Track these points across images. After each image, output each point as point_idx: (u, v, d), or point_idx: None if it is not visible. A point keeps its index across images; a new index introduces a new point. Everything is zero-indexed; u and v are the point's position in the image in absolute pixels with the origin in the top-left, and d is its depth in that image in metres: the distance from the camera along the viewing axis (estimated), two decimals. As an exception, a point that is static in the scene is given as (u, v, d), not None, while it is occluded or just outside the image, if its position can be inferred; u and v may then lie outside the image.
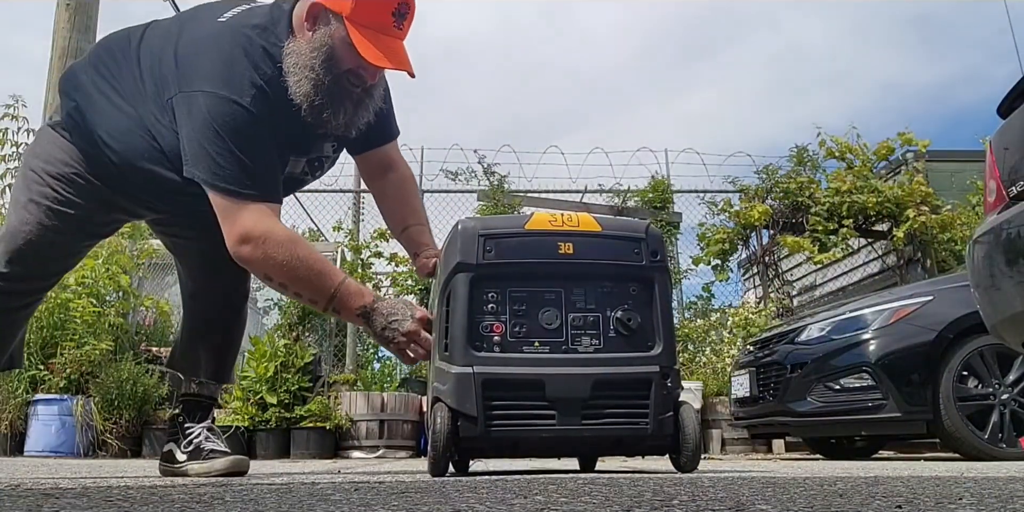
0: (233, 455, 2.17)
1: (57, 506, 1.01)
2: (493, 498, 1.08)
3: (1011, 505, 0.99)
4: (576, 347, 1.81)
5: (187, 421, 2.23)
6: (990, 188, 2.37)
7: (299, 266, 1.79)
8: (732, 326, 6.97)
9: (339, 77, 1.84)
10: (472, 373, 1.73)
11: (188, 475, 2.12)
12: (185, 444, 2.19)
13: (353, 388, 6.09)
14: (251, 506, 1.01)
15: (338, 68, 1.82)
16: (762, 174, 7.84)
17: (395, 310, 1.84)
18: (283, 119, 1.84)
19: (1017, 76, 2.28)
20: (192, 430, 2.20)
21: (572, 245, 1.82)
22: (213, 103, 1.76)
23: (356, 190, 7.98)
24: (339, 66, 1.82)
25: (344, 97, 1.86)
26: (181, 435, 2.21)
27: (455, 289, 1.80)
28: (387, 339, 1.84)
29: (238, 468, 2.13)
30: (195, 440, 2.18)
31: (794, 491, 1.21)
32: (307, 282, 1.82)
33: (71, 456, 5.00)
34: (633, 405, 1.80)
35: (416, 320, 1.84)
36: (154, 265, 6.65)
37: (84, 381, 5.34)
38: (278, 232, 1.80)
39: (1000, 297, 2.18)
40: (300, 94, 1.82)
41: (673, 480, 1.49)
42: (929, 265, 7.31)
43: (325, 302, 1.83)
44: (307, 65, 1.80)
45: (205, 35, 1.85)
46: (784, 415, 4.19)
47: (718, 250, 7.51)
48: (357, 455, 5.53)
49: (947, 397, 3.64)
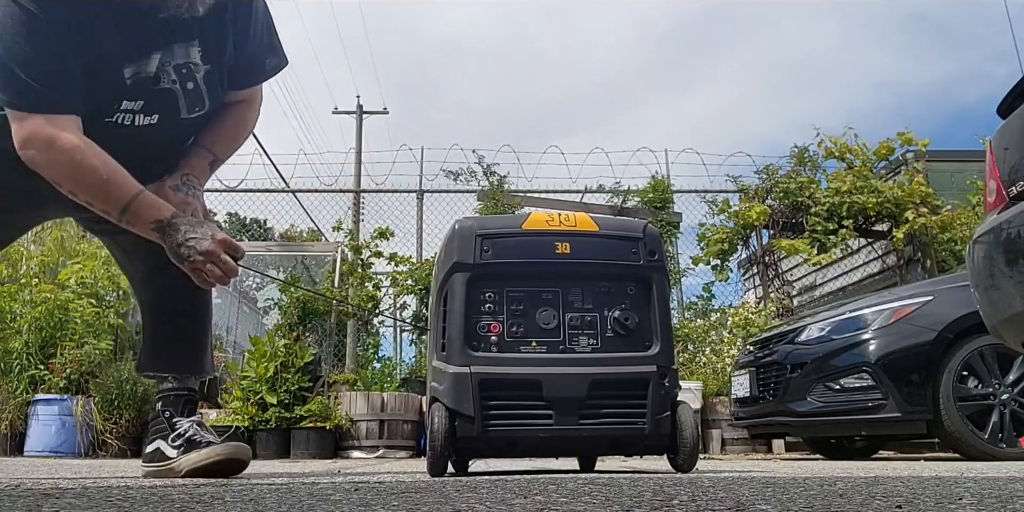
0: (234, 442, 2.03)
1: (57, 506, 1.01)
2: (493, 498, 1.08)
3: (1011, 505, 0.98)
4: (573, 347, 1.81)
5: (175, 416, 2.09)
6: (990, 188, 2.37)
7: (85, 174, 1.72)
8: (732, 326, 6.97)
9: None
10: (469, 373, 1.73)
11: (179, 471, 1.98)
12: (174, 437, 2.04)
13: (353, 388, 6.10)
14: (251, 506, 1.01)
15: None
16: (762, 174, 7.84)
17: (194, 228, 1.76)
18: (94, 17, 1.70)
19: (1017, 76, 2.28)
20: (180, 424, 2.06)
21: (569, 245, 1.82)
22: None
23: (356, 190, 7.99)
24: None
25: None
26: (169, 430, 2.06)
27: (452, 289, 1.80)
28: (182, 256, 1.75)
29: (240, 454, 2.00)
30: (186, 433, 2.04)
31: (794, 491, 1.21)
32: (96, 191, 1.74)
33: (71, 456, 5.00)
34: (630, 405, 1.80)
35: (216, 241, 1.75)
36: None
37: (84, 381, 5.35)
38: (65, 138, 1.70)
39: (1000, 297, 2.18)
40: None
41: (673, 480, 1.49)
42: (929, 265, 7.31)
43: (118, 213, 1.76)
44: None
45: None
46: (784, 415, 4.19)
47: (718, 250, 7.52)
48: (357, 455, 5.53)
49: (947, 397, 3.64)
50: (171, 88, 1.87)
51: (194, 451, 1.98)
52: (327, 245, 7.83)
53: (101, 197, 1.76)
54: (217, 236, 1.77)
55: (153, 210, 1.76)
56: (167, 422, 2.07)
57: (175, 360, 2.16)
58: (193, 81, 1.89)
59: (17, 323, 5.49)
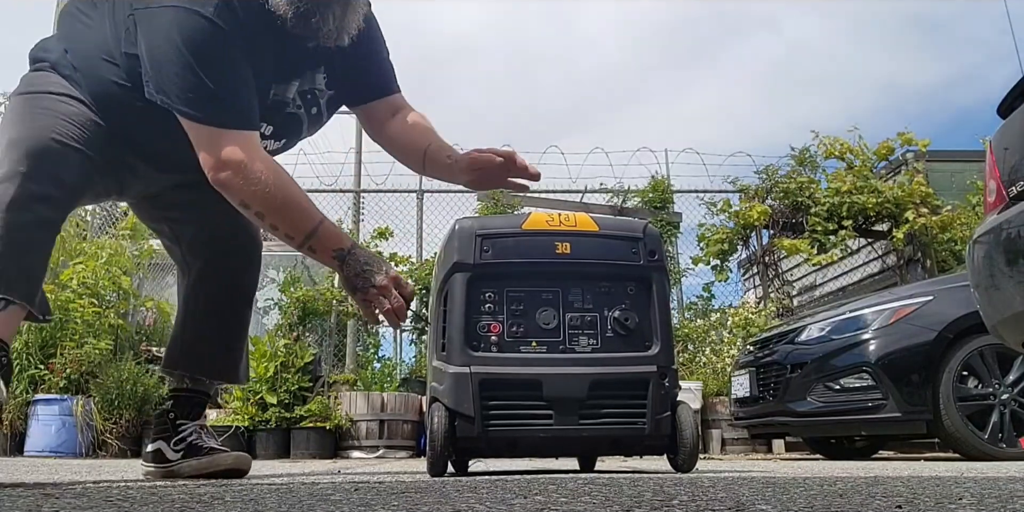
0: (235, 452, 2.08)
1: (57, 506, 1.01)
2: (493, 498, 1.08)
3: (1011, 505, 0.98)
4: (573, 347, 1.81)
5: (179, 418, 2.06)
6: (990, 188, 2.37)
7: (279, 196, 1.69)
8: (732, 326, 6.97)
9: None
10: (469, 373, 1.73)
11: (180, 475, 1.99)
12: (176, 441, 2.03)
13: (353, 388, 6.10)
14: (251, 506, 1.01)
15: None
16: (762, 174, 7.84)
17: (371, 261, 1.75)
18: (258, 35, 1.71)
19: (1017, 76, 2.28)
20: (185, 427, 2.04)
21: (569, 245, 1.83)
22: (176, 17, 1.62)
23: (356, 190, 7.99)
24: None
25: None
26: (172, 432, 2.04)
27: (452, 289, 1.80)
28: (356, 287, 1.73)
29: (241, 465, 2.05)
30: (188, 438, 2.03)
31: (794, 491, 1.21)
32: (286, 214, 1.72)
33: (71, 456, 5.00)
34: (630, 405, 1.80)
35: (389, 277, 1.74)
36: (154, 265, 6.66)
37: (84, 381, 5.35)
38: (259, 159, 1.69)
39: (1000, 297, 2.18)
40: (282, 2, 1.68)
41: (673, 480, 1.49)
42: (929, 265, 7.31)
43: (302, 238, 1.73)
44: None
45: None
46: (784, 415, 4.19)
47: (718, 250, 7.52)
48: (357, 455, 5.53)
49: (947, 397, 3.64)
50: (296, 113, 1.91)
51: (195, 458, 2.00)
52: (327, 245, 7.82)
53: (290, 222, 1.73)
54: (391, 272, 1.75)
55: (336, 238, 1.76)
56: (171, 423, 2.06)
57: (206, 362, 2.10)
58: (317, 106, 1.94)
59: (17, 323, 5.48)
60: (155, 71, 1.66)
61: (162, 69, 1.64)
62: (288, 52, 1.80)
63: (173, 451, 2.03)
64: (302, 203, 1.74)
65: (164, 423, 2.07)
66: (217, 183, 1.70)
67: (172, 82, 1.64)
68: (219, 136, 1.67)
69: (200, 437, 2.05)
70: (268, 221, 1.74)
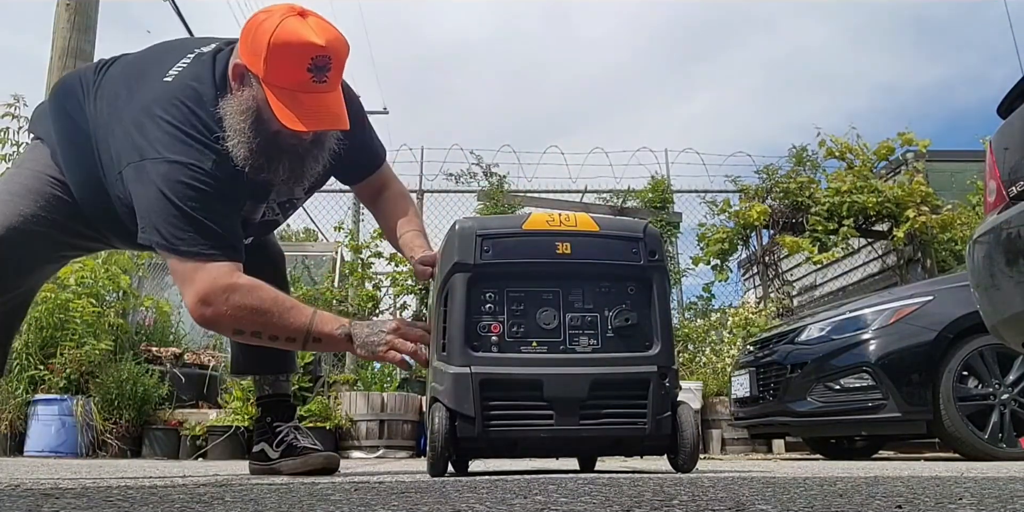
0: (325, 452, 2.30)
1: (57, 506, 1.01)
2: (493, 498, 1.08)
3: (1011, 505, 0.98)
4: (574, 347, 1.81)
5: (275, 420, 2.33)
6: (990, 188, 2.37)
7: (270, 307, 1.77)
8: (732, 326, 6.97)
9: (272, 137, 1.80)
10: (470, 373, 1.73)
11: (281, 472, 2.24)
12: (277, 443, 2.29)
13: (353, 388, 6.09)
14: (251, 506, 1.01)
15: (268, 130, 1.79)
16: (762, 174, 7.85)
17: (367, 328, 1.83)
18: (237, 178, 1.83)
19: (1017, 76, 2.28)
20: (282, 429, 2.31)
21: (570, 245, 1.82)
22: (163, 169, 1.74)
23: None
24: (269, 127, 1.79)
25: (282, 155, 1.83)
26: (271, 434, 2.31)
27: (453, 289, 1.80)
28: (373, 344, 1.81)
29: (330, 464, 2.25)
30: (286, 438, 2.29)
31: (794, 491, 1.21)
32: (280, 326, 1.78)
33: (71, 456, 5.00)
34: (631, 405, 1.80)
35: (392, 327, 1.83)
36: (154, 265, 6.65)
37: (84, 381, 5.34)
38: (241, 282, 1.77)
39: (1000, 297, 2.18)
40: (239, 157, 1.79)
41: (673, 480, 1.49)
42: (929, 265, 7.31)
43: (303, 336, 1.80)
44: (238, 129, 1.78)
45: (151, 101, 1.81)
46: (784, 415, 4.19)
47: (718, 250, 7.52)
48: (357, 455, 5.53)
49: (947, 397, 3.64)
50: (275, 219, 2.12)
51: (290, 458, 2.26)
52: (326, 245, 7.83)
53: (287, 325, 1.79)
54: (392, 324, 1.85)
55: (333, 321, 1.82)
56: (268, 427, 2.34)
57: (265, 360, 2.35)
58: (293, 207, 2.16)
59: (17, 323, 5.48)
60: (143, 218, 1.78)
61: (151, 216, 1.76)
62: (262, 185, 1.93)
63: (273, 451, 2.30)
64: (290, 309, 1.80)
65: (263, 427, 2.36)
66: (203, 321, 1.78)
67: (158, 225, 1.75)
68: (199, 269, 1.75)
69: (296, 437, 2.31)
70: (267, 335, 1.81)
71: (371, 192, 2.27)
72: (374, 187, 2.25)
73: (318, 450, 2.30)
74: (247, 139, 1.78)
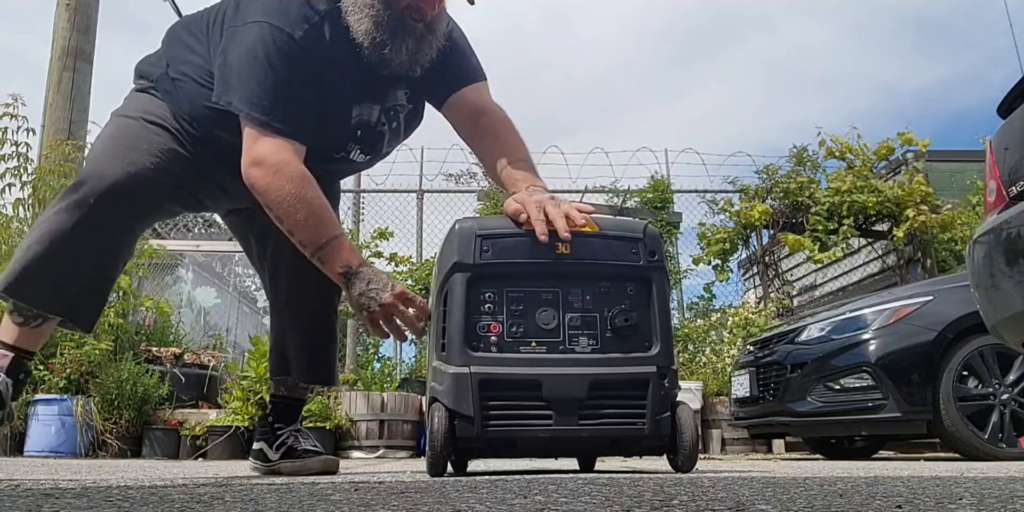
0: (325, 455, 2.29)
1: (57, 506, 1.01)
2: (493, 498, 1.08)
3: (1011, 505, 0.98)
4: (573, 347, 1.81)
5: (277, 422, 2.33)
6: (990, 188, 2.37)
7: (301, 207, 1.77)
8: (732, 326, 6.97)
9: (399, 13, 1.83)
10: (469, 373, 1.73)
11: (281, 472, 2.24)
12: (277, 445, 2.29)
13: (353, 388, 6.10)
14: (251, 506, 1.01)
15: (398, 4, 1.83)
16: (762, 174, 7.85)
17: (376, 279, 1.79)
18: (342, 60, 1.84)
19: (1017, 76, 2.28)
20: (283, 432, 2.30)
21: (569, 245, 1.82)
22: (263, 31, 1.77)
23: (356, 190, 7.98)
24: (398, 1, 1.83)
25: (406, 33, 1.85)
26: (272, 436, 2.31)
27: (452, 289, 1.80)
28: (362, 306, 1.79)
29: (329, 468, 2.25)
30: (287, 441, 2.29)
31: (794, 491, 1.21)
32: (304, 224, 1.79)
33: (71, 456, 5.00)
34: (630, 405, 1.79)
35: (395, 294, 1.78)
36: (154, 265, 6.65)
37: (84, 381, 5.34)
38: (294, 167, 1.78)
39: (1000, 297, 2.18)
40: (361, 31, 1.82)
41: (673, 480, 1.49)
42: (929, 265, 7.31)
43: (314, 248, 1.80)
44: (367, 3, 1.82)
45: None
46: (784, 415, 4.19)
47: (718, 250, 7.52)
48: (357, 455, 5.53)
49: (947, 397, 3.64)
50: (381, 130, 2.04)
51: (289, 460, 2.26)
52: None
53: (307, 230, 1.80)
54: (396, 290, 1.79)
55: (347, 254, 1.81)
56: (270, 427, 2.33)
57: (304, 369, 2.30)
58: (397, 121, 2.06)
59: (17, 323, 5.48)
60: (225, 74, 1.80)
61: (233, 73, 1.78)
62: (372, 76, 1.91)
63: (273, 452, 2.30)
64: (322, 216, 1.81)
65: (265, 427, 2.35)
66: (247, 179, 1.79)
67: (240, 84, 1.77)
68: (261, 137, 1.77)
69: (297, 440, 2.30)
70: (286, 227, 1.81)
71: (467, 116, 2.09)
72: (471, 109, 2.09)
73: (319, 452, 2.29)
74: (376, 12, 1.81)
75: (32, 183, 5.82)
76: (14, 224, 5.84)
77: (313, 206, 1.79)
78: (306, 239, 1.81)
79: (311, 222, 1.79)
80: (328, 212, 1.83)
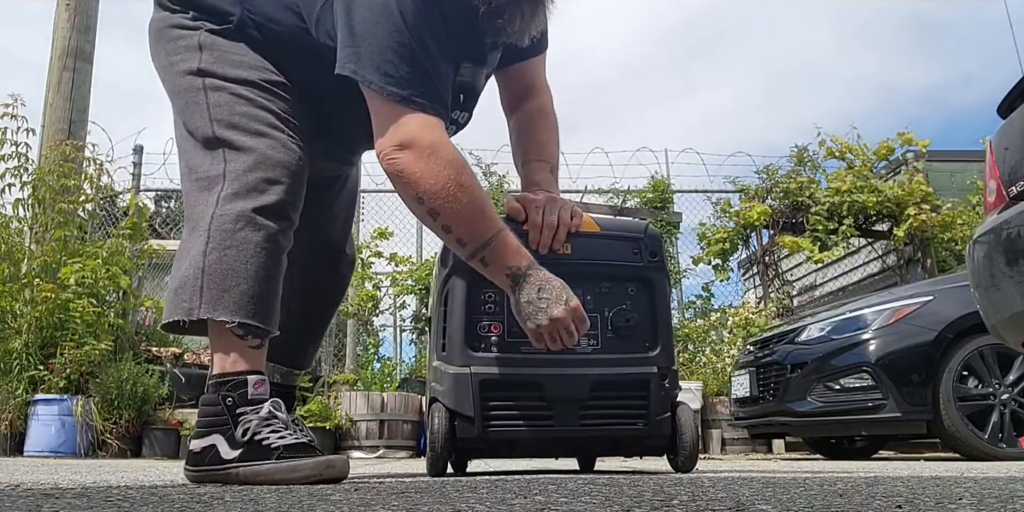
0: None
1: (57, 506, 1.01)
2: (493, 498, 1.08)
3: (1011, 505, 0.98)
4: (574, 348, 1.81)
5: None
6: (990, 188, 2.37)
7: (463, 195, 1.49)
8: (732, 326, 6.97)
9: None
10: (470, 373, 1.73)
11: None
12: None
13: (353, 388, 6.10)
14: (251, 506, 1.01)
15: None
16: (762, 174, 7.85)
17: (549, 287, 1.57)
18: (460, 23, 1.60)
19: (1017, 76, 2.28)
20: None
21: (570, 245, 1.82)
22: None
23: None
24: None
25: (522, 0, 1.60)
26: None
27: (453, 289, 1.80)
28: (528, 316, 1.59)
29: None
30: None
31: (794, 491, 1.21)
32: (465, 217, 1.52)
33: (71, 456, 5.00)
34: (631, 406, 1.79)
35: (569, 309, 1.58)
36: (154, 265, 6.65)
37: (84, 381, 5.35)
38: (449, 148, 1.53)
39: (1000, 297, 2.18)
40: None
41: (673, 480, 1.49)
42: (929, 265, 7.31)
43: (476, 247, 1.55)
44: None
45: None
46: (784, 415, 4.19)
47: (718, 250, 7.52)
48: (357, 455, 5.53)
49: (947, 397, 3.64)
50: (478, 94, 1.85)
51: None
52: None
53: (469, 224, 1.55)
54: (572, 303, 1.59)
55: (514, 253, 1.58)
56: None
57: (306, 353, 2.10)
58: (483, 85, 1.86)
59: (17, 323, 5.49)
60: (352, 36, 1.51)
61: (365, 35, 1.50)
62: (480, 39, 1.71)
63: None
64: (484, 207, 1.55)
65: None
66: (392, 166, 1.52)
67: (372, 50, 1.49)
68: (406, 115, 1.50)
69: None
70: (442, 221, 1.54)
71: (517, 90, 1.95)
72: (523, 84, 1.94)
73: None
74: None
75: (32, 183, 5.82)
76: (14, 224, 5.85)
77: (475, 195, 1.53)
78: (467, 235, 1.55)
79: (474, 214, 1.53)
80: (490, 203, 1.57)
